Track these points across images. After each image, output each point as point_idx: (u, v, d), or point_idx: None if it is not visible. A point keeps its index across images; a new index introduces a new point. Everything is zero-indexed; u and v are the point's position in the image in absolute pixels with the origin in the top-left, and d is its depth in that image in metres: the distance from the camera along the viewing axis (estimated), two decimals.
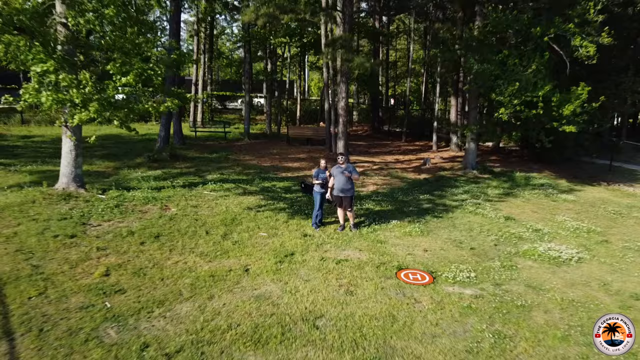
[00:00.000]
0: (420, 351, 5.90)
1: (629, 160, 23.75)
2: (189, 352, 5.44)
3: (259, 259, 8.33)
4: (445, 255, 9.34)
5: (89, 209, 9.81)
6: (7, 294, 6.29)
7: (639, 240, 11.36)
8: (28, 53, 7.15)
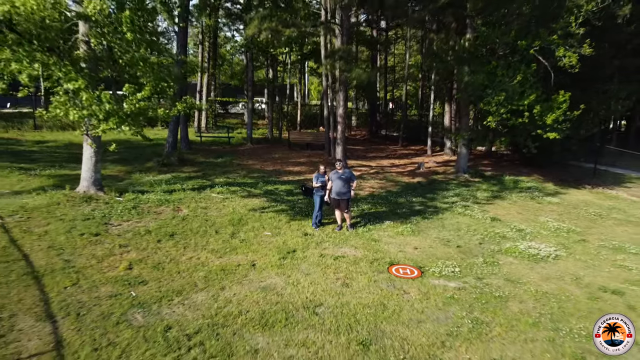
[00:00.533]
0: (407, 334, 6.72)
1: (614, 163, 24.54)
2: (206, 333, 6.25)
3: (264, 255, 9.15)
4: (434, 252, 10.16)
5: (109, 210, 10.65)
6: (46, 284, 7.11)
7: (614, 240, 12.19)
8: (60, 71, 7.96)
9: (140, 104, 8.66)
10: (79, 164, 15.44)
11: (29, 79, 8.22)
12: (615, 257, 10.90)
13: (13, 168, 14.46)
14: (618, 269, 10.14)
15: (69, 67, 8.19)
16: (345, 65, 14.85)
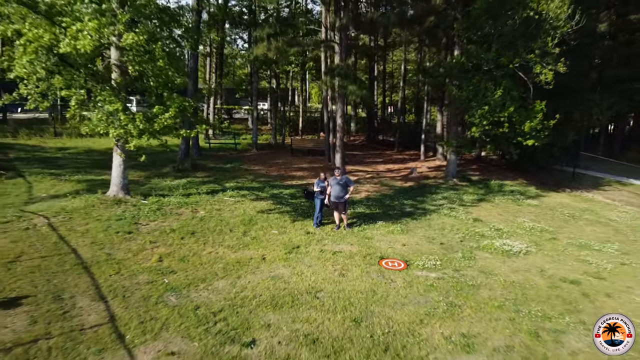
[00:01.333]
0: (392, 314, 8.06)
1: (594, 167, 25.83)
2: (228, 311, 7.60)
3: (273, 250, 10.50)
4: (419, 248, 11.50)
5: (137, 212, 12.01)
6: (94, 272, 8.46)
7: (581, 238, 13.52)
8: (101, 95, 9.29)
9: (168, 122, 10.00)
10: (103, 169, 16.88)
11: (76, 103, 9.59)
12: (580, 253, 12.24)
13: (45, 174, 15.83)
14: (580, 263, 11.48)
15: (109, 92, 9.54)
16: (342, 81, 16.28)
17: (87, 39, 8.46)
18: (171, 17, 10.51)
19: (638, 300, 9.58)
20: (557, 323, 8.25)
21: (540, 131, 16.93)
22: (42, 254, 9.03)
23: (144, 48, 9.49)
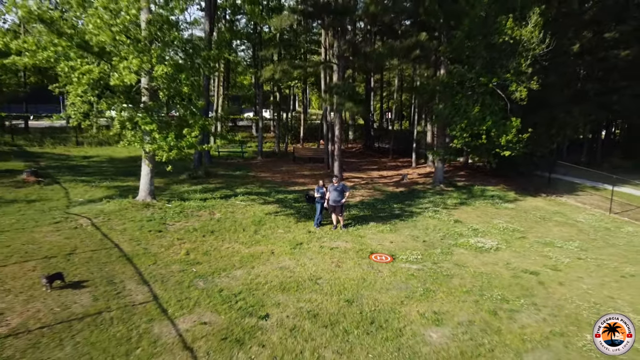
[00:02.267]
0: (378, 296, 9.74)
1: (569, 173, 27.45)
2: (245, 293, 9.29)
3: (280, 246, 12.20)
4: (404, 245, 13.19)
5: (164, 214, 13.72)
6: (136, 263, 10.16)
7: (547, 237, 15.21)
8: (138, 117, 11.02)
9: (193, 140, 11.70)
10: (126, 176, 18.60)
11: (119, 123, 11.30)
12: (543, 249, 13.92)
13: (77, 181, 17.55)
14: (542, 257, 13.16)
15: (145, 114, 11.25)
16: (340, 99, 17.99)
17: (132, 74, 10.16)
18: (194, 48, 12.22)
19: (584, 287, 11.28)
20: (514, 304, 9.94)
21: (516, 143, 18.63)
22: (92, 248, 10.75)
23: (171, 77, 11.20)
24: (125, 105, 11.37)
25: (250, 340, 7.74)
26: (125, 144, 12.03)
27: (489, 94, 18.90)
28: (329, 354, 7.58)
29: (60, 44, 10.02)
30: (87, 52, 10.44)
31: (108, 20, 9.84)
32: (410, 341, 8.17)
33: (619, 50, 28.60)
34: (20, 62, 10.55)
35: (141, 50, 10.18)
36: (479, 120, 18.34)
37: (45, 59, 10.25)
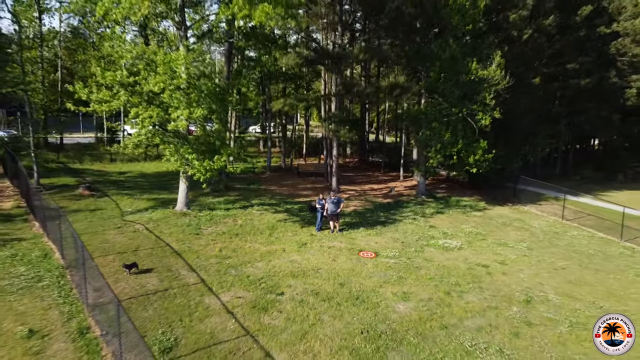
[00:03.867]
0: (363, 281, 12.77)
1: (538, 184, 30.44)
2: (266, 278, 12.33)
3: (289, 245, 15.24)
4: (386, 245, 16.22)
5: (198, 221, 16.80)
6: (184, 257, 13.23)
7: (504, 239, 18.19)
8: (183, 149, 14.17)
9: (222, 164, 14.79)
10: (160, 190, 21.67)
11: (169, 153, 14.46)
12: (497, 248, 16.93)
13: (121, 194, 20.65)
14: (494, 255, 16.18)
15: (187, 146, 14.38)
16: (337, 126, 21.11)
17: (184, 122, 13.30)
18: (222, 94, 15.35)
19: (522, 276, 14.29)
20: (464, 288, 12.97)
21: (483, 162, 21.72)
22: (150, 246, 13.83)
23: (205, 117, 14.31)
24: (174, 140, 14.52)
25: (272, 308, 10.80)
26: (172, 167, 15.14)
27: (460, 122, 22.01)
28: (326, 317, 10.62)
29: (134, 100, 13.16)
30: (150, 104, 13.58)
31: (166, 80, 12.98)
32: (384, 310, 11.21)
33: (579, 79, 31.82)
34: (99, 108, 13.67)
35: (188, 102, 13.32)
36: (451, 144, 21.45)
37: (118, 106, 13.34)
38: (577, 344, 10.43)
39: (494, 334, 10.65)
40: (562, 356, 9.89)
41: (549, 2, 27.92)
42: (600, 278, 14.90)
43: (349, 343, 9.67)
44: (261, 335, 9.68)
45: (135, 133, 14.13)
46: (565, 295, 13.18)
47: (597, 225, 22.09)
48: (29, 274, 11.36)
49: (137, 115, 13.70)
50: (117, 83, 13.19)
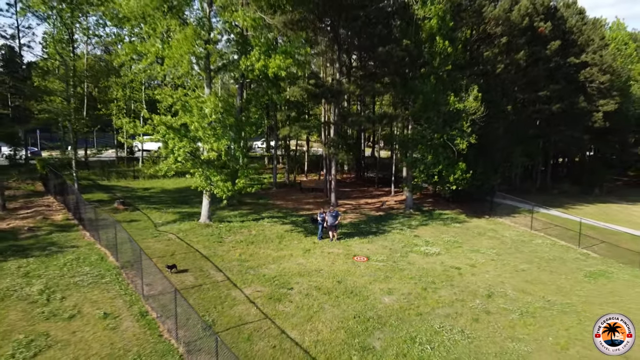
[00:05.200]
0: (356, 279, 15.36)
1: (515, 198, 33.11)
2: (278, 276, 14.92)
3: (296, 251, 17.84)
4: (376, 251, 18.83)
5: (219, 231, 19.41)
6: (212, 260, 15.84)
7: (477, 246, 20.79)
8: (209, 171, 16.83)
9: (242, 185, 17.46)
10: (183, 204, 24.29)
11: (199, 177, 17.20)
12: (470, 254, 19.53)
13: (150, 208, 23.27)
14: (467, 259, 18.78)
15: (214, 171, 17.08)
16: (335, 150, 23.85)
17: (214, 153, 16.05)
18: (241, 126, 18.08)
19: (487, 276, 16.89)
20: (438, 285, 15.56)
21: (461, 180, 24.45)
22: (184, 251, 16.45)
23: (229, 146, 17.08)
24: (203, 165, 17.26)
25: (284, 299, 13.39)
26: (200, 187, 17.88)
27: (441, 145, 24.79)
28: (327, 306, 13.21)
29: (175, 136, 15.98)
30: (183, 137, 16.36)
31: (201, 122, 15.80)
32: (372, 302, 13.79)
33: (551, 105, 34.76)
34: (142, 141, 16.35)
35: (219, 137, 16.09)
36: (434, 164, 24.21)
37: (157, 139, 16.13)
38: (523, 327, 13.06)
39: (459, 320, 13.23)
40: (510, 336, 12.52)
41: (521, 39, 30.92)
42: (553, 278, 17.51)
43: (344, 324, 12.26)
44: (277, 318, 12.26)
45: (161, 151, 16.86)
46: (521, 291, 15.78)
47: (560, 234, 24.73)
48: (93, 272, 13.96)
49: (174, 145, 16.44)
50: (161, 123, 15.96)
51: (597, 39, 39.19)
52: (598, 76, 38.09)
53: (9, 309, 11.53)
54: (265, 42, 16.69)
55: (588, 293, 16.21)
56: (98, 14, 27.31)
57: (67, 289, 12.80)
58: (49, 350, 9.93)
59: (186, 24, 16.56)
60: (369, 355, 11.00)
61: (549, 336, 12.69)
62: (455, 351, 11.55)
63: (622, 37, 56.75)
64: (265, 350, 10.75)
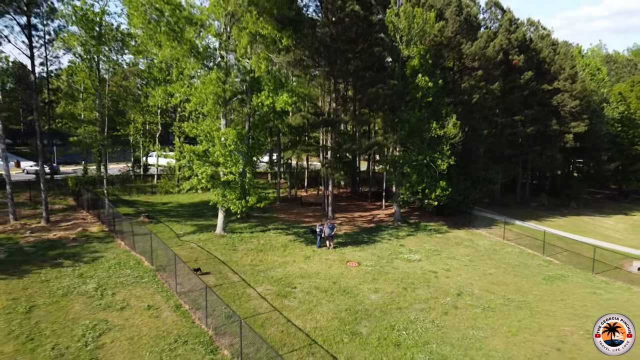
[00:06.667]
0: (349, 281, 18.01)
1: (494, 211, 35.86)
2: (284, 278, 17.56)
3: (298, 258, 20.48)
4: (366, 257, 21.47)
5: (233, 241, 22.06)
6: (228, 265, 18.49)
7: (453, 254, 23.40)
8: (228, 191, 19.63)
9: (253, 202, 20.20)
10: (199, 217, 26.95)
11: (216, 196, 19.96)
12: (447, 260, 22.17)
13: (170, 220, 25.93)
14: (443, 264, 21.41)
15: (231, 191, 19.88)
16: (332, 171, 26.64)
17: (232, 175, 18.90)
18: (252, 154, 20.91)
19: (459, 279, 19.52)
20: (417, 285, 18.18)
21: (442, 197, 27.20)
22: (204, 257, 19.10)
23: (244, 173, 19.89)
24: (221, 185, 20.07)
25: (289, 295, 16.02)
26: (219, 205, 20.62)
27: (424, 166, 27.60)
28: (324, 301, 15.84)
29: (200, 161, 18.82)
30: (205, 162, 19.18)
31: (222, 150, 18.67)
32: (361, 298, 16.42)
33: (525, 128, 37.74)
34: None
35: (234, 161, 18.95)
36: (418, 182, 27.00)
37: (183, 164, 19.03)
38: (484, 319, 15.69)
39: (431, 312, 15.85)
40: (471, 325, 15.14)
41: (496, 71, 34.01)
42: (515, 280, 20.14)
43: (338, 315, 14.87)
44: (284, 310, 14.89)
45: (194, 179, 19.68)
46: (486, 291, 18.41)
47: (529, 244, 27.38)
48: (134, 274, 16.60)
49: (198, 168, 19.25)
50: (190, 151, 18.81)
51: (568, 68, 42.34)
52: (569, 101, 41.15)
53: (73, 302, 14.16)
54: (273, 81, 19.57)
55: (543, 293, 18.83)
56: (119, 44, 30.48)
57: (115, 286, 15.44)
58: (110, 332, 12.55)
59: (209, 68, 19.51)
60: (357, 338, 13.61)
61: (504, 326, 15.32)
62: (425, 336, 14.16)
63: (595, 63, 60.31)
64: (275, 334, 13.37)
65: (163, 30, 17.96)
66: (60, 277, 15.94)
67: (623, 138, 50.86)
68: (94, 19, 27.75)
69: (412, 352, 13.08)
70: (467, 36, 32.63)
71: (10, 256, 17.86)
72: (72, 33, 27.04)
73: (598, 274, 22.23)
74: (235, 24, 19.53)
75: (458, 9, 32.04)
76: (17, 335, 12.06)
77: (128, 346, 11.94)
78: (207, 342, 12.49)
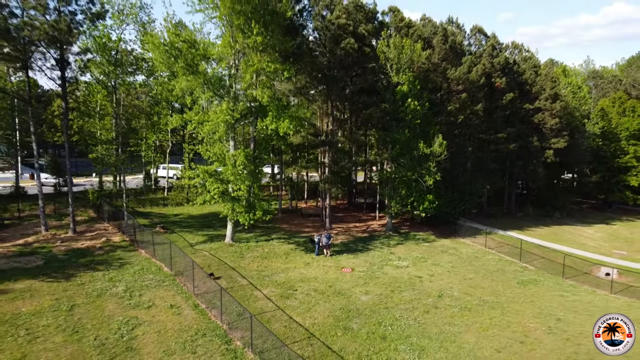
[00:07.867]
0: (344, 284, 20.06)
1: (480, 221, 37.94)
2: (286, 282, 19.62)
3: (298, 264, 22.52)
4: (360, 264, 23.52)
5: (240, 249, 24.13)
6: (237, 270, 20.55)
7: (438, 261, 25.46)
8: (236, 206, 21.77)
9: (259, 214, 22.33)
10: (208, 227, 29.05)
11: (226, 210, 22.10)
12: (431, 267, 24.22)
13: (183, 230, 28.02)
14: (428, 270, 23.46)
15: (240, 205, 22.06)
16: (329, 185, 28.80)
17: (241, 192, 21.09)
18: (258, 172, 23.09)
19: (441, 283, 21.56)
20: (403, 288, 20.24)
21: (429, 209, 29.34)
22: (216, 263, 21.16)
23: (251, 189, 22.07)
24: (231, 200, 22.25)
25: (291, 297, 18.07)
26: (230, 217, 22.73)
27: (413, 181, 29.79)
28: (321, 302, 17.89)
29: (212, 179, 21.08)
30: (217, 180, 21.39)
31: (233, 170, 20.89)
32: (354, 299, 18.46)
33: (507, 144, 40.01)
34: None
35: (243, 179, 21.16)
36: (407, 196, 29.17)
37: (197, 182, 21.25)
38: (460, 317, 17.72)
39: (414, 311, 17.89)
40: (448, 322, 17.16)
41: (479, 93, 36.39)
42: (492, 284, 22.17)
43: (333, 314, 16.92)
44: (286, 309, 16.93)
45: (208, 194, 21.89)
46: (464, 293, 20.44)
47: (509, 252, 29.42)
48: (156, 278, 18.67)
49: (211, 185, 21.46)
50: (204, 172, 21.06)
51: (548, 89, 44.75)
52: (549, 120, 43.49)
53: (106, 302, 16.22)
54: (276, 107, 21.82)
55: (515, 295, 20.86)
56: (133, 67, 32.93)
57: (141, 289, 17.50)
58: (140, 326, 14.60)
59: (220, 97, 21.83)
60: (349, 332, 15.64)
61: (477, 323, 17.35)
62: (408, 331, 16.18)
63: (576, 82, 62.89)
64: (279, 329, 15.40)
65: (181, 65, 20.27)
66: (93, 281, 18.00)
67: (605, 151, 52.93)
68: (112, 47, 30.29)
69: (395, 344, 15.10)
70: (452, 62, 35.06)
71: (47, 263, 19.93)
72: (91, 59, 29.48)
73: (568, 279, 24.25)
74: (243, 58, 21.92)
75: (444, 38, 34.51)
76: (64, 329, 14.11)
77: (157, 337, 13.98)
78: (222, 334, 14.53)
